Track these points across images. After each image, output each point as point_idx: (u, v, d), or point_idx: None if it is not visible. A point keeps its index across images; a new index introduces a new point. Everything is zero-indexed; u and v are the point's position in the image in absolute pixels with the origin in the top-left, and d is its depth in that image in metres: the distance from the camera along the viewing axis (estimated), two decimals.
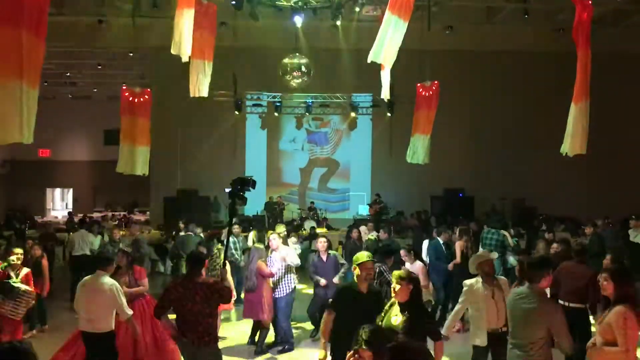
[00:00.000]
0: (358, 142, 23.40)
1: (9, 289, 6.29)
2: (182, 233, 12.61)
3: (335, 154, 23.47)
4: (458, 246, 9.89)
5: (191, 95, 9.69)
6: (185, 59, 8.48)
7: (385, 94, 10.34)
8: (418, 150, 12.76)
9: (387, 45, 8.07)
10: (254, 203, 21.35)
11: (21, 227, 17.69)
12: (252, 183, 5.85)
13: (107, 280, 5.93)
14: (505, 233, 10.80)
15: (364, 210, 20.32)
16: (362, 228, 12.33)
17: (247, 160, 23.26)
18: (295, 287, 8.30)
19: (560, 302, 6.62)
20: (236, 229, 12.36)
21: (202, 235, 12.00)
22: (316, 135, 23.49)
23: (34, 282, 7.42)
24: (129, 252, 7.24)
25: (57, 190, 33.62)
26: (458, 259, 9.67)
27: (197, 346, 5.27)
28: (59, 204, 33.93)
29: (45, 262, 9.22)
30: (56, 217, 28.99)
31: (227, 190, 5.95)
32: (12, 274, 6.74)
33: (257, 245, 8.89)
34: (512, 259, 10.10)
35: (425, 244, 10.65)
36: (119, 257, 7.01)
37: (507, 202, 20.46)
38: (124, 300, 5.94)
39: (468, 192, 19.91)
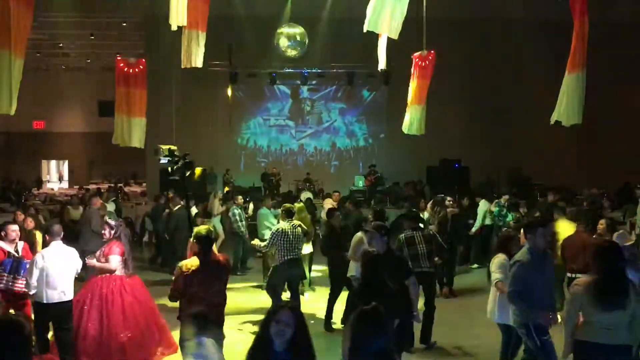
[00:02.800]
0: (354, 112, 23.31)
1: (24, 266, 6.27)
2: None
3: (331, 125, 23.39)
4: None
5: (182, 65, 9.58)
6: (174, 27, 8.36)
7: (382, 65, 10.26)
8: (414, 121, 12.71)
9: (390, 15, 7.99)
10: (252, 174, 21.38)
11: (21, 198, 17.68)
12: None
13: None
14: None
15: (360, 181, 20.34)
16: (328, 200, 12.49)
17: (243, 131, 23.19)
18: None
19: None
20: (239, 199, 12.32)
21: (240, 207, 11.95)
22: (312, 106, 23.37)
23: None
24: (112, 224, 6.72)
25: (53, 162, 33.51)
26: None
27: (219, 328, 5.16)
28: (55, 176, 33.82)
29: (39, 234, 9.21)
30: (52, 189, 28.94)
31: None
32: (11, 251, 6.68)
33: None
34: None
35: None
36: (105, 229, 6.73)
37: (503, 172, 20.49)
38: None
39: (464, 162, 19.90)
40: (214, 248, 5.70)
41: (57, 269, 5.92)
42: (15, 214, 9.77)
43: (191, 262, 5.28)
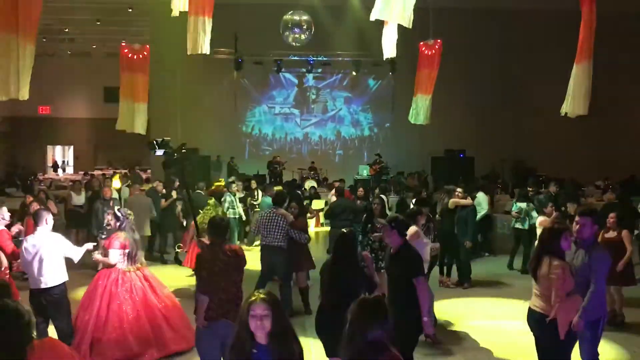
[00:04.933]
0: (359, 101, 23.26)
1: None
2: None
3: (337, 113, 23.36)
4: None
5: (188, 52, 9.56)
6: (175, 13, 8.33)
7: (390, 53, 10.21)
8: (420, 110, 12.69)
9: (402, 5, 7.96)
10: (256, 162, 21.40)
11: (27, 182, 17.76)
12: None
13: None
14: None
15: (364, 170, 20.34)
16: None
17: (248, 119, 23.19)
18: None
19: None
20: (234, 187, 12.47)
21: (235, 194, 12.09)
22: (317, 94, 23.32)
23: None
24: (118, 214, 6.48)
25: (58, 148, 33.56)
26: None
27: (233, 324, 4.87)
28: (60, 162, 33.90)
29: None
30: (57, 175, 29.03)
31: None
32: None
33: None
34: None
35: None
36: (112, 219, 6.61)
37: (507, 163, 20.45)
38: None
39: (469, 152, 19.88)
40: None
41: (40, 256, 5.82)
42: (25, 198, 9.84)
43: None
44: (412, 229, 6.17)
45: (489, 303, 8.54)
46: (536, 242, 5.26)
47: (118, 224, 6.46)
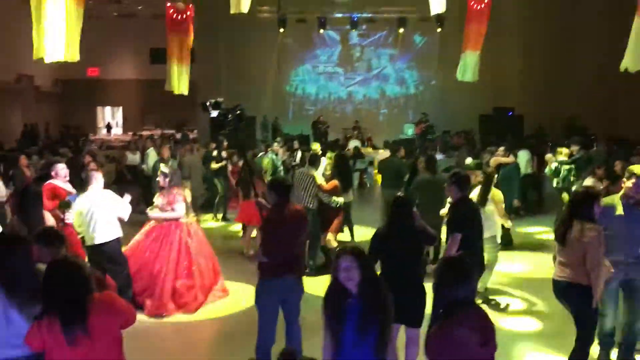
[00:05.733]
0: (405, 59, 22.77)
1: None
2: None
3: (381, 72, 22.98)
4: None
5: (231, 11, 9.49)
6: None
7: (438, 8, 9.92)
8: (468, 67, 12.35)
9: None
10: (300, 122, 21.39)
11: (78, 143, 18.27)
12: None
13: None
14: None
15: (410, 129, 20.08)
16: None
17: (291, 78, 23.08)
18: None
19: None
20: (275, 146, 12.40)
21: (277, 154, 12.00)
22: (361, 52, 22.96)
23: None
24: (166, 172, 6.82)
25: (107, 109, 34.33)
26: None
27: (298, 280, 4.98)
28: (112, 123, 34.66)
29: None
30: (108, 135, 29.83)
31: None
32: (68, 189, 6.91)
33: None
34: None
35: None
36: (160, 178, 6.89)
37: (557, 121, 19.77)
38: None
39: (518, 110, 19.30)
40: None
41: (93, 214, 6.12)
42: (82, 157, 10.08)
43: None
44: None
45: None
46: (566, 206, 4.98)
47: (167, 180, 6.73)
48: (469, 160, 10.55)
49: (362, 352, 3.16)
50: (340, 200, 8.02)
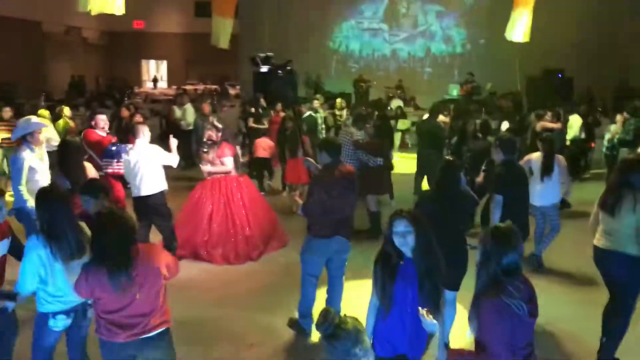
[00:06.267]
0: (452, 16, 22.10)
1: (124, 149, 6.66)
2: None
3: (427, 29, 22.39)
4: None
5: None
6: None
7: None
8: (518, 26, 11.94)
9: None
10: (340, 80, 21.16)
11: (124, 96, 18.59)
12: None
13: None
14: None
15: (454, 90, 19.64)
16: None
17: (335, 35, 22.72)
18: None
19: None
20: (316, 103, 12.18)
21: (317, 111, 11.80)
22: (407, 8, 22.36)
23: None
24: (218, 126, 7.11)
25: (152, 62, 34.62)
26: None
27: (346, 241, 4.96)
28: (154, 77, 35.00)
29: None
30: (152, 88, 30.17)
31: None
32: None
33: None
34: None
35: None
36: (210, 131, 7.09)
37: (609, 85, 19.00)
38: None
39: (568, 72, 18.61)
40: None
41: (140, 166, 6.26)
42: (121, 110, 10.25)
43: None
44: None
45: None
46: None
47: (220, 134, 6.97)
48: (505, 126, 10.32)
49: (411, 316, 3.17)
50: (381, 160, 7.90)
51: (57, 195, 3.61)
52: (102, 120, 7.02)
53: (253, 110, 12.02)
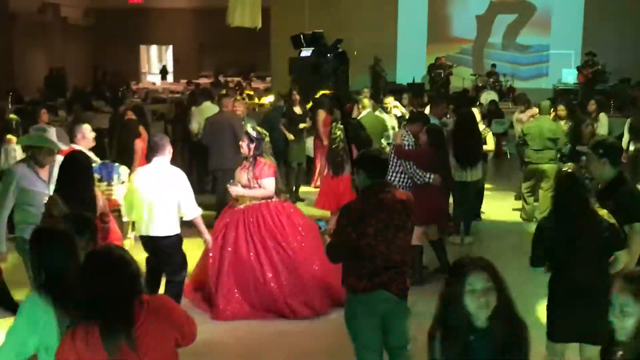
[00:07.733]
0: None
1: (115, 170, 6.81)
2: None
3: None
4: None
5: None
6: None
7: None
8: None
9: None
10: (411, 66, 21.22)
11: (117, 94, 18.89)
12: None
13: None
14: None
15: (570, 76, 19.48)
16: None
17: (400, 5, 22.84)
18: None
19: None
20: (387, 102, 12.37)
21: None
22: None
23: None
24: (253, 135, 6.67)
25: (153, 48, 35.11)
26: None
27: (399, 299, 4.69)
28: (156, 67, 35.44)
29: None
30: (154, 84, 30.65)
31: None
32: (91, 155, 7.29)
33: None
34: None
35: None
36: (243, 143, 6.76)
37: None
38: None
39: None
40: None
41: (152, 195, 6.02)
42: (126, 113, 10.39)
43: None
44: None
45: None
46: None
47: (253, 146, 6.64)
48: None
49: None
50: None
51: (50, 235, 3.73)
52: (89, 131, 7.18)
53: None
